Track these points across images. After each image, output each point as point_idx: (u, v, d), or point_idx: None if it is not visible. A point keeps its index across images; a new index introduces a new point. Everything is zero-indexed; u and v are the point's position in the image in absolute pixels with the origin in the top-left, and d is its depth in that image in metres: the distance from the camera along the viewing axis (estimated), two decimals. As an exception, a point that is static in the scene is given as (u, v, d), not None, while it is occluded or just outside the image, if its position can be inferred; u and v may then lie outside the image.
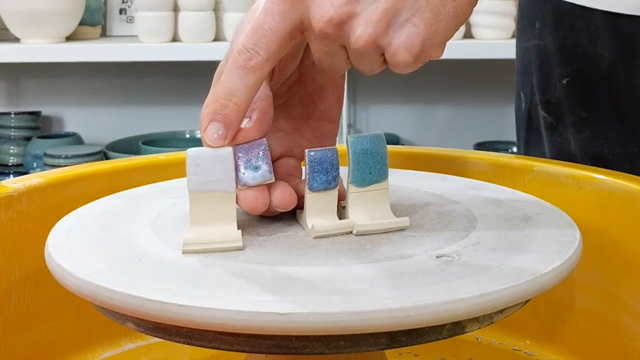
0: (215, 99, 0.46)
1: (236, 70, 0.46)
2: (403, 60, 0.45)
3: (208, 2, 1.84)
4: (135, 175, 0.70)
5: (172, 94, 2.15)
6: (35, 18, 1.81)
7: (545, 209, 0.54)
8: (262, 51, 0.45)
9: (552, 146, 0.83)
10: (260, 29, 0.45)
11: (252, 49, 0.45)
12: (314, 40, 0.46)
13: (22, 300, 0.63)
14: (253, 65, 0.45)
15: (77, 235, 0.50)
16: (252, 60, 0.45)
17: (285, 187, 0.49)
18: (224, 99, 0.46)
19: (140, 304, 0.40)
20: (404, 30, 0.44)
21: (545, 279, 0.43)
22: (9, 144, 2.06)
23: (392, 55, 0.45)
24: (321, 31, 0.45)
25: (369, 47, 0.45)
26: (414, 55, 0.44)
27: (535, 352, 0.69)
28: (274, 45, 0.46)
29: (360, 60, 0.47)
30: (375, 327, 0.39)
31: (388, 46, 0.45)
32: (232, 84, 0.46)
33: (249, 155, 0.48)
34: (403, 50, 0.44)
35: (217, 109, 0.46)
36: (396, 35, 0.44)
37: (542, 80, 0.83)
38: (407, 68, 0.46)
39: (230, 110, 0.46)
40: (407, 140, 2.14)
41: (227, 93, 0.46)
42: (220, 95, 0.46)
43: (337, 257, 0.45)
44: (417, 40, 0.44)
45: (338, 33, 0.45)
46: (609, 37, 0.78)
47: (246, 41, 0.46)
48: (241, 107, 0.46)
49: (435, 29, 0.44)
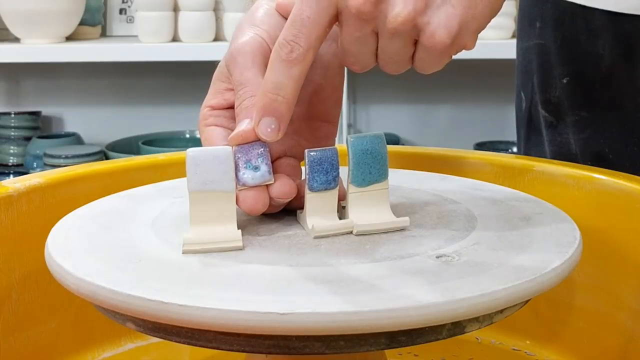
0: (263, 94, 0.46)
1: (280, 64, 0.46)
2: (441, 41, 0.44)
3: (208, 2, 1.84)
4: (135, 175, 0.70)
5: (172, 94, 2.15)
6: (35, 18, 1.81)
7: (545, 209, 0.54)
8: (303, 42, 0.45)
9: (552, 145, 0.83)
10: (298, 19, 0.45)
11: (293, 40, 0.45)
12: (349, 24, 0.46)
13: (22, 300, 0.63)
14: (295, 58, 0.45)
15: (77, 235, 0.50)
16: (294, 52, 0.45)
17: (284, 178, 0.49)
18: (272, 93, 0.46)
19: (140, 303, 0.40)
20: (442, 11, 0.44)
21: (545, 279, 0.43)
22: (9, 144, 2.06)
23: (429, 35, 0.44)
24: (358, 10, 0.44)
25: (407, 26, 0.44)
26: (452, 36, 0.44)
27: (535, 352, 0.69)
28: (314, 34, 0.45)
29: (391, 47, 0.46)
30: (375, 327, 0.39)
31: (426, 26, 0.44)
32: (277, 77, 0.46)
33: (249, 156, 0.48)
34: (442, 30, 0.44)
35: (266, 104, 0.46)
36: (434, 15, 0.44)
37: (543, 79, 0.83)
38: (442, 53, 0.45)
39: (279, 103, 0.46)
40: (407, 140, 2.14)
41: (274, 87, 0.46)
42: (268, 90, 0.46)
43: (337, 257, 0.45)
44: (455, 21, 0.44)
45: (375, 12, 0.44)
46: (610, 36, 0.78)
47: (286, 33, 0.46)
48: (289, 100, 0.46)
49: (472, 13, 0.44)
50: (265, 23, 0.51)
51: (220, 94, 0.52)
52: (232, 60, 0.50)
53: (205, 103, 0.53)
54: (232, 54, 0.50)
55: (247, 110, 0.48)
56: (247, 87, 0.49)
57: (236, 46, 0.50)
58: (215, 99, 0.52)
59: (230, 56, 0.50)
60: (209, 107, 0.52)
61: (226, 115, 0.52)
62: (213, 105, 0.52)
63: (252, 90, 0.49)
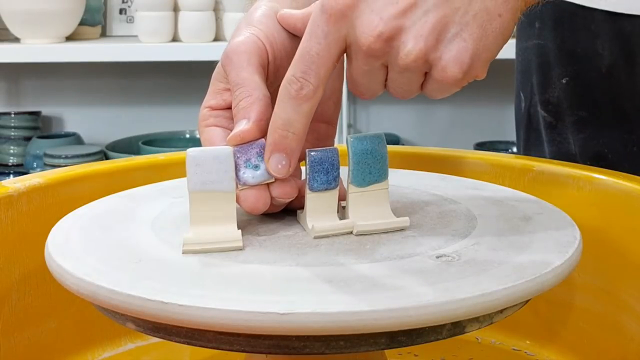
0: (273, 130, 0.47)
1: (289, 101, 0.46)
2: (452, 76, 0.44)
3: (208, 2, 1.84)
4: (135, 175, 0.70)
5: (172, 94, 2.15)
6: (35, 18, 1.81)
7: (545, 209, 0.54)
8: (312, 79, 0.45)
9: (551, 146, 0.83)
10: (307, 56, 0.45)
11: (302, 77, 0.45)
12: (358, 59, 0.45)
13: (22, 300, 0.63)
14: (305, 94, 0.45)
15: (77, 235, 0.50)
16: (304, 89, 0.45)
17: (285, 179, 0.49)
18: (282, 130, 0.46)
19: (140, 304, 0.40)
20: (453, 45, 0.44)
21: (545, 279, 0.43)
22: (9, 144, 2.06)
23: (441, 70, 0.44)
24: (369, 47, 0.44)
25: (419, 62, 0.44)
26: (463, 70, 0.44)
27: (535, 352, 0.69)
28: (322, 70, 0.45)
29: (401, 80, 0.46)
30: (375, 327, 0.39)
31: (438, 61, 0.44)
32: (287, 114, 0.46)
33: (249, 155, 0.48)
34: (453, 65, 0.44)
35: (276, 141, 0.47)
36: (446, 50, 0.44)
37: (542, 79, 0.83)
38: (454, 85, 0.45)
39: (290, 140, 0.46)
40: (407, 140, 2.14)
41: (284, 124, 0.46)
42: (278, 126, 0.46)
43: (337, 257, 0.45)
44: (467, 55, 0.44)
45: (386, 49, 0.44)
46: (609, 36, 0.78)
47: (295, 70, 0.45)
48: (299, 136, 0.47)
49: (483, 44, 0.44)
50: (262, 23, 0.51)
51: (219, 95, 0.52)
52: (228, 61, 0.50)
53: (205, 104, 0.53)
54: (228, 54, 0.50)
55: (245, 111, 0.48)
56: (243, 87, 0.49)
57: (231, 46, 0.50)
58: (214, 100, 0.52)
59: (226, 56, 0.51)
60: (208, 107, 0.52)
61: (225, 115, 0.52)
62: (212, 106, 0.52)
63: (248, 90, 0.49)
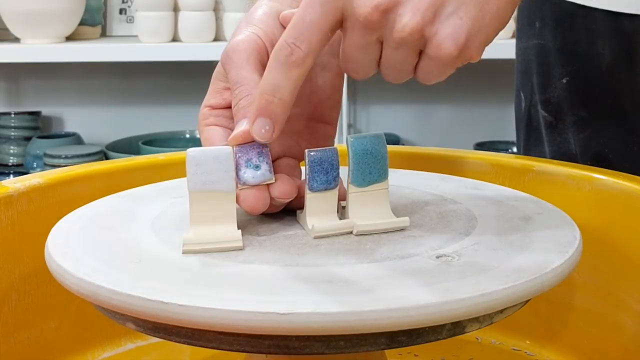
0: (259, 95, 0.46)
1: (278, 67, 0.45)
2: (447, 52, 0.44)
3: (208, 2, 1.84)
4: (135, 175, 0.70)
5: (172, 94, 2.15)
6: (35, 18, 1.81)
7: (545, 209, 0.54)
8: (304, 45, 0.45)
9: (552, 146, 0.83)
10: (300, 22, 0.45)
11: (293, 43, 0.45)
12: (354, 31, 0.45)
13: (22, 300, 0.63)
14: (294, 61, 0.45)
15: (77, 235, 0.50)
16: (294, 55, 0.45)
17: (285, 177, 0.49)
18: (269, 95, 0.46)
19: (140, 304, 0.40)
20: (450, 22, 0.44)
21: (545, 279, 0.43)
22: (9, 144, 2.06)
23: (436, 46, 0.44)
24: (366, 18, 0.44)
25: (414, 37, 0.44)
26: (458, 48, 0.44)
27: (535, 352, 0.69)
28: (315, 38, 0.45)
29: (395, 57, 0.46)
30: (375, 327, 0.39)
31: (434, 36, 0.44)
32: (275, 80, 0.45)
33: (249, 155, 0.48)
34: (449, 41, 0.44)
35: (262, 105, 0.46)
36: (442, 26, 0.44)
37: (542, 79, 0.83)
38: (448, 64, 0.45)
39: (275, 105, 0.46)
40: (407, 140, 2.14)
41: (271, 89, 0.46)
42: (264, 91, 0.46)
43: (337, 257, 0.45)
44: (463, 33, 0.44)
45: (382, 21, 0.44)
46: (610, 36, 0.78)
47: (287, 36, 0.45)
48: (286, 102, 0.46)
49: (479, 25, 0.44)
50: (262, 22, 0.51)
51: (219, 94, 0.52)
52: (228, 59, 0.50)
53: (205, 103, 0.53)
54: (227, 53, 0.50)
55: (245, 110, 0.48)
56: (243, 86, 0.49)
57: (231, 45, 0.50)
58: (214, 99, 0.52)
59: (226, 55, 0.51)
60: (209, 106, 0.52)
61: (226, 115, 0.52)
62: (212, 105, 0.52)
63: (247, 89, 0.49)
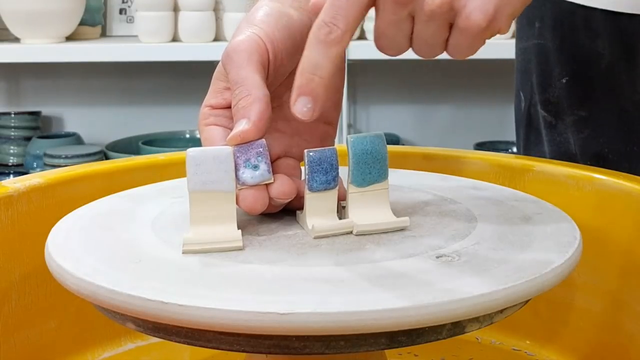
0: (299, 73, 0.47)
1: (317, 45, 0.46)
2: (476, 23, 0.45)
3: (208, 2, 1.84)
4: (135, 175, 0.70)
5: (172, 94, 2.15)
6: (35, 18, 1.81)
7: (545, 209, 0.54)
8: (341, 23, 0.46)
9: (551, 145, 0.83)
10: (336, 2, 0.46)
11: (331, 22, 0.46)
12: (385, 8, 0.46)
13: (22, 300, 0.63)
14: (333, 39, 0.46)
15: (77, 235, 0.50)
16: (332, 33, 0.46)
17: (284, 178, 0.49)
18: (309, 73, 0.46)
19: (140, 304, 0.40)
20: None
21: (545, 279, 0.43)
22: (9, 144, 2.06)
23: (465, 17, 0.45)
24: None
25: (444, 9, 0.45)
26: (487, 19, 0.45)
27: (535, 352, 0.69)
28: (351, 16, 0.46)
29: (426, 31, 0.47)
30: (375, 327, 0.39)
31: (463, 8, 0.45)
32: (315, 58, 0.46)
33: (248, 155, 0.48)
34: (478, 13, 0.45)
35: (302, 84, 0.47)
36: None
37: (542, 79, 0.83)
38: (478, 36, 0.46)
39: (316, 84, 0.46)
40: (407, 140, 2.14)
41: (312, 67, 0.46)
42: (305, 69, 0.47)
43: (337, 257, 0.45)
44: (491, 5, 0.45)
45: None
46: (609, 35, 0.78)
47: (324, 15, 0.46)
48: (325, 80, 0.47)
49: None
50: (264, 22, 0.52)
51: (220, 93, 0.52)
52: (228, 59, 0.50)
53: (205, 102, 0.53)
54: (228, 53, 0.51)
55: (244, 110, 0.48)
56: (243, 86, 0.49)
57: (232, 45, 0.51)
58: (214, 99, 0.52)
59: (226, 55, 0.51)
60: (209, 106, 0.52)
61: (226, 114, 0.52)
62: (212, 105, 0.52)
63: (247, 89, 0.49)
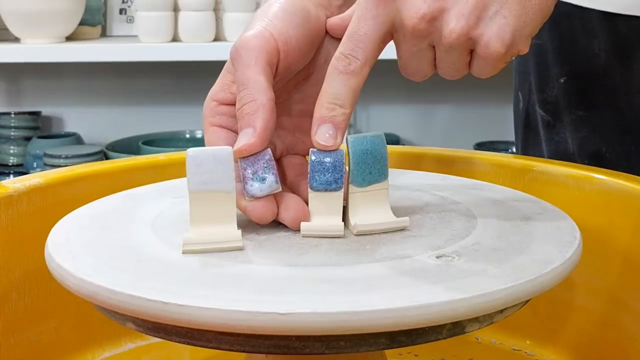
0: (320, 104, 0.48)
1: (337, 76, 0.48)
2: (495, 51, 0.46)
3: (208, 2, 1.84)
4: (135, 175, 0.70)
5: (172, 94, 2.15)
6: (35, 18, 1.80)
7: (545, 209, 0.54)
8: (360, 56, 0.48)
9: (549, 145, 0.84)
10: (355, 35, 0.48)
11: (350, 54, 0.48)
12: (405, 40, 0.48)
13: (22, 300, 0.63)
14: (353, 70, 0.48)
15: (77, 235, 0.50)
16: (351, 65, 0.48)
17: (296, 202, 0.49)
18: (330, 103, 0.48)
19: (140, 304, 0.40)
20: (494, 22, 0.46)
21: (545, 279, 0.43)
22: (9, 144, 2.06)
23: (484, 46, 0.46)
24: (414, 28, 0.46)
25: (461, 40, 0.46)
26: (505, 45, 0.46)
27: (535, 352, 0.69)
28: (369, 49, 0.48)
29: (448, 59, 0.48)
30: (375, 327, 0.39)
31: (480, 38, 0.46)
32: (335, 89, 0.48)
33: (255, 167, 0.48)
34: (495, 41, 0.46)
35: (324, 114, 0.48)
36: (487, 27, 0.46)
37: (540, 79, 0.84)
38: (498, 61, 0.47)
39: (337, 113, 0.48)
40: (407, 140, 2.14)
41: (332, 97, 0.48)
42: (326, 100, 0.48)
43: (337, 257, 0.45)
44: (508, 31, 0.45)
45: (430, 29, 0.46)
46: (605, 36, 0.78)
47: (343, 48, 0.48)
48: (347, 109, 0.48)
49: (523, 21, 0.46)
50: (277, 18, 0.51)
51: (227, 87, 0.52)
52: (237, 55, 0.50)
53: (212, 95, 0.52)
54: (237, 48, 0.50)
55: (249, 118, 0.48)
56: (248, 89, 0.48)
57: (242, 39, 0.50)
58: (222, 92, 0.52)
59: (235, 50, 0.50)
60: (216, 101, 0.52)
61: (231, 113, 0.51)
62: (220, 100, 0.52)
63: (252, 93, 0.48)
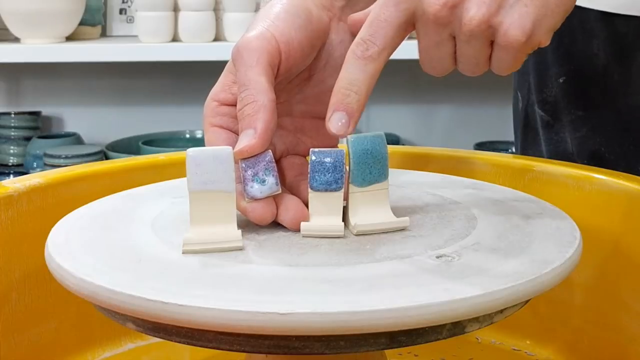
0: (336, 89, 0.48)
1: (355, 61, 0.48)
2: (515, 39, 0.45)
3: (208, 2, 1.84)
4: (135, 175, 0.70)
5: (172, 94, 2.14)
6: (35, 18, 1.80)
7: (545, 209, 0.54)
8: (379, 41, 0.47)
9: (549, 145, 0.84)
10: (376, 20, 0.47)
11: (369, 39, 0.47)
12: (426, 29, 0.47)
13: (22, 300, 0.63)
14: (370, 55, 0.47)
15: (77, 235, 0.50)
16: (370, 50, 0.47)
17: (295, 204, 0.49)
18: (345, 89, 0.48)
19: (140, 304, 0.40)
20: (515, 10, 0.45)
21: (545, 279, 0.43)
22: (9, 144, 2.05)
23: (503, 34, 0.45)
24: (435, 15, 0.46)
25: (482, 27, 0.45)
26: (526, 34, 0.45)
27: (535, 352, 0.69)
28: (389, 35, 0.47)
29: (468, 50, 0.47)
30: (375, 327, 0.39)
31: (500, 25, 0.45)
32: (352, 74, 0.48)
33: (256, 169, 0.48)
34: (516, 28, 0.45)
35: (339, 99, 0.48)
36: (508, 15, 0.45)
37: (539, 79, 0.84)
38: (518, 51, 0.46)
39: (352, 99, 0.48)
40: (407, 140, 2.14)
41: (348, 83, 0.48)
42: (342, 85, 0.48)
43: (337, 257, 0.45)
44: (529, 19, 0.45)
45: (451, 17, 0.46)
46: (604, 36, 0.78)
47: (363, 33, 0.48)
48: (362, 96, 0.48)
49: (544, 11, 0.45)
50: (279, 19, 0.51)
51: (229, 87, 0.52)
52: (238, 55, 0.50)
53: (213, 95, 0.52)
54: (238, 49, 0.50)
55: (250, 119, 0.48)
56: (249, 90, 0.48)
57: (243, 40, 0.50)
58: (223, 92, 0.52)
59: (237, 50, 0.50)
60: (217, 101, 0.52)
61: (232, 113, 0.51)
62: (221, 100, 0.52)
63: (253, 94, 0.48)
